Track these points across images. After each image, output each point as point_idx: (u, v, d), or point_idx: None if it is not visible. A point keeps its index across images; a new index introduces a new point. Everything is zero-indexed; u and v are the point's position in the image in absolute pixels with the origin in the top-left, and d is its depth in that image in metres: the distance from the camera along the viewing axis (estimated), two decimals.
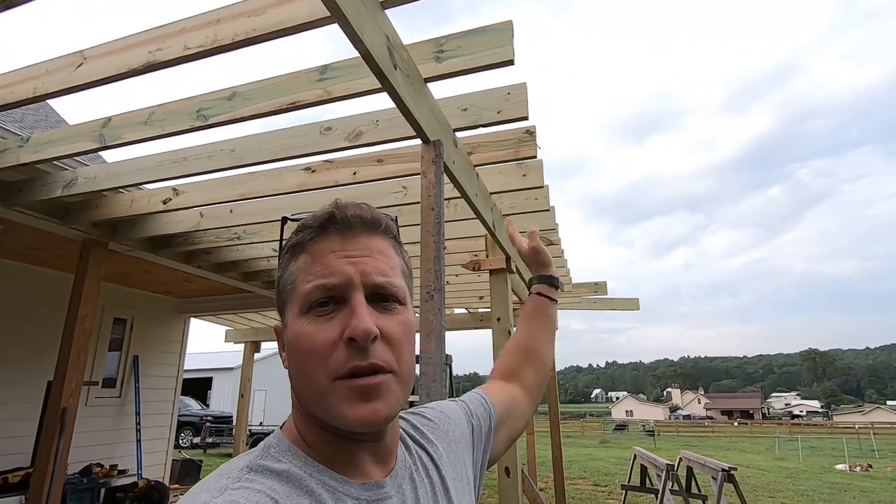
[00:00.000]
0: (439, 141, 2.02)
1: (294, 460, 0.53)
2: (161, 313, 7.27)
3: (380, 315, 0.54)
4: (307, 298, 0.54)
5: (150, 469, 6.62)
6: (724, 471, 5.20)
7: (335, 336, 0.52)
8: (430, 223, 1.84)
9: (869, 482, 11.99)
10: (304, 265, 0.56)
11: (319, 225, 0.57)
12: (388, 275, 0.56)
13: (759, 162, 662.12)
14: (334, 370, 0.51)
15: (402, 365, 0.55)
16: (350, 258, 0.55)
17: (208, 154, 2.87)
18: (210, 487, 0.48)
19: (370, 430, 0.53)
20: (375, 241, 0.58)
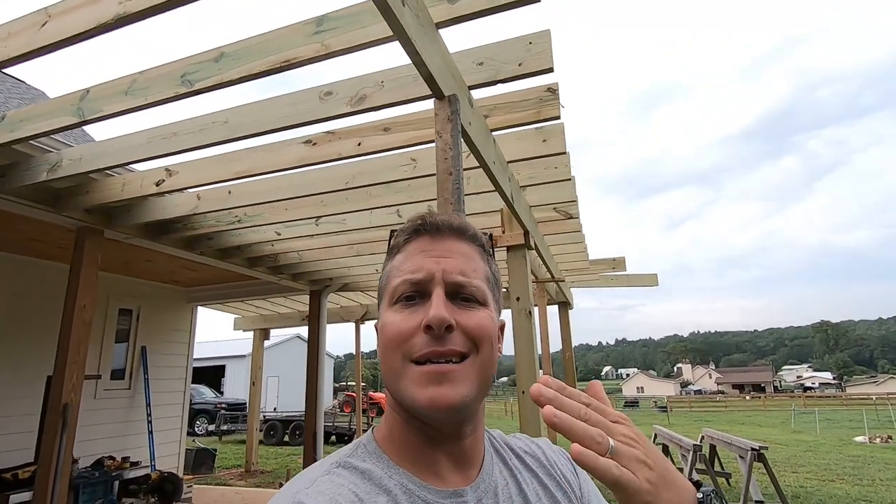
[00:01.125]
0: (455, 96, 1.76)
1: (377, 462, 0.58)
2: (167, 303, 7.13)
3: (458, 310, 0.57)
4: (395, 292, 0.59)
5: (162, 460, 6.54)
6: (754, 450, 5.00)
7: (415, 325, 0.56)
8: (447, 190, 1.59)
9: (891, 454, 11.79)
10: (397, 263, 0.62)
11: (413, 229, 0.62)
12: (469, 276, 0.59)
13: (770, 133, 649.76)
14: (409, 352, 0.55)
15: (476, 357, 0.56)
16: (435, 257, 0.59)
17: (200, 127, 2.63)
18: (304, 478, 0.55)
19: (439, 413, 0.54)
20: (461, 244, 0.61)
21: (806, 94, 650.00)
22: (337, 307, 8.16)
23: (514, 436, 0.73)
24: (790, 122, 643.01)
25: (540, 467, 0.67)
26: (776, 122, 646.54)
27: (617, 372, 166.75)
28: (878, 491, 7.09)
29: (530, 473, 0.66)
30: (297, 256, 5.33)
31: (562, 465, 0.70)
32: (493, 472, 0.62)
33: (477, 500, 0.58)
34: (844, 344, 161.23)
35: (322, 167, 3.25)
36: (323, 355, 6.63)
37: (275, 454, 10.97)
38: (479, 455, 0.62)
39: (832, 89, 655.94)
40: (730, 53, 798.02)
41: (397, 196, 3.60)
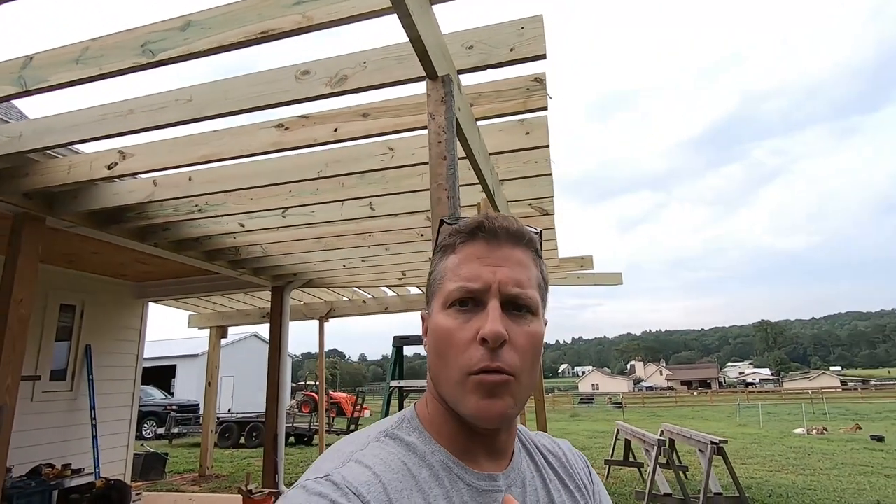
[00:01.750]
0: (449, 76, 1.66)
1: (420, 438, 0.61)
2: (115, 299, 6.66)
3: (511, 322, 0.58)
4: (450, 296, 0.60)
5: (108, 466, 6.11)
6: (714, 444, 5.16)
7: (471, 335, 0.57)
8: (441, 176, 1.49)
9: (827, 444, 12.57)
10: (452, 265, 0.61)
11: (469, 231, 0.62)
12: (524, 286, 0.60)
13: (717, 141, 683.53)
14: (468, 366, 0.56)
15: (524, 372, 0.58)
16: (492, 266, 0.59)
17: (160, 105, 2.41)
18: (355, 442, 0.59)
19: (487, 424, 0.57)
20: (517, 252, 0.62)
21: (751, 106, 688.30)
22: (300, 304, 7.88)
23: (538, 434, 0.75)
24: (736, 132, 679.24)
25: (561, 467, 0.70)
26: (724, 131, 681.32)
27: (573, 370, 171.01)
28: (821, 480, 7.50)
29: (553, 471, 0.69)
30: (260, 250, 5.08)
31: (580, 468, 0.73)
32: (521, 464, 0.65)
33: (507, 486, 0.61)
34: (782, 342, 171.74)
35: (293, 154, 3.09)
36: (285, 355, 6.38)
37: (230, 457, 10.51)
38: (511, 448, 0.65)
39: (775, 102, 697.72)
40: (682, 64, 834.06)
41: (371, 187, 3.47)
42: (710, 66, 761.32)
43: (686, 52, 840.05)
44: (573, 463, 0.72)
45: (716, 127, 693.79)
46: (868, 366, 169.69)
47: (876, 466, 8.73)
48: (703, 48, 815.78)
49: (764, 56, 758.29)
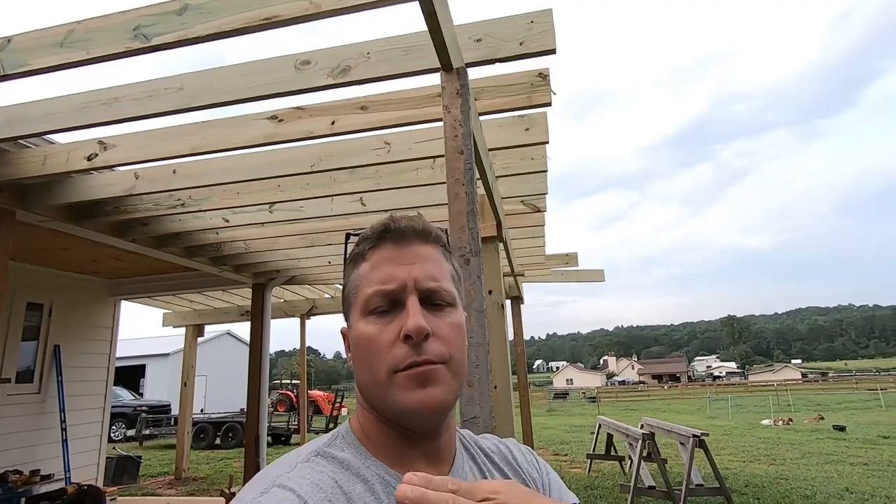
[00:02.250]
0: (464, 68, 1.62)
1: (355, 453, 0.59)
2: (86, 297, 6.38)
3: (432, 316, 0.58)
4: (368, 303, 0.59)
5: (80, 471, 5.86)
6: (696, 437, 5.27)
7: (393, 335, 0.57)
8: (458, 170, 1.45)
9: (793, 435, 13.07)
10: (364, 272, 0.61)
11: (377, 236, 0.62)
12: (439, 279, 0.60)
13: (687, 142, 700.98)
14: (394, 364, 0.56)
15: (454, 360, 0.58)
16: (405, 264, 0.60)
17: (148, 93, 2.29)
18: (283, 465, 0.57)
19: (426, 415, 0.57)
20: (426, 249, 0.62)
21: (721, 108, 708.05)
22: (280, 301, 7.71)
23: (482, 436, 0.75)
24: (706, 133, 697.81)
25: (507, 465, 0.70)
26: (693, 133, 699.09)
27: (548, 365, 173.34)
28: (791, 469, 7.79)
29: (497, 470, 0.68)
30: (243, 246, 4.94)
31: (526, 462, 0.72)
32: (464, 468, 0.64)
33: None
34: (747, 336, 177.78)
35: (284, 147, 2.99)
36: (267, 353, 6.22)
37: (206, 459, 10.24)
38: (452, 452, 0.64)
39: (744, 105, 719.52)
40: (654, 67, 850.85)
41: (364, 183, 3.40)
42: (682, 68, 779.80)
43: (657, 53, 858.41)
44: (518, 459, 0.71)
45: (686, 128, 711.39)
46: (826, 358, 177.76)
47: (840, 455, 9.11)
48: (673, 50, 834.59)
49: (734, 59, 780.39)
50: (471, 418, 1.30)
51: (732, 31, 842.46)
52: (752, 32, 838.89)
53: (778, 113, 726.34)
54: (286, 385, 23.75)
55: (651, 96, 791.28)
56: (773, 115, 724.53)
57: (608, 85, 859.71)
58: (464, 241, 1.42)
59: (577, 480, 6.85)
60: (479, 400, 1.30)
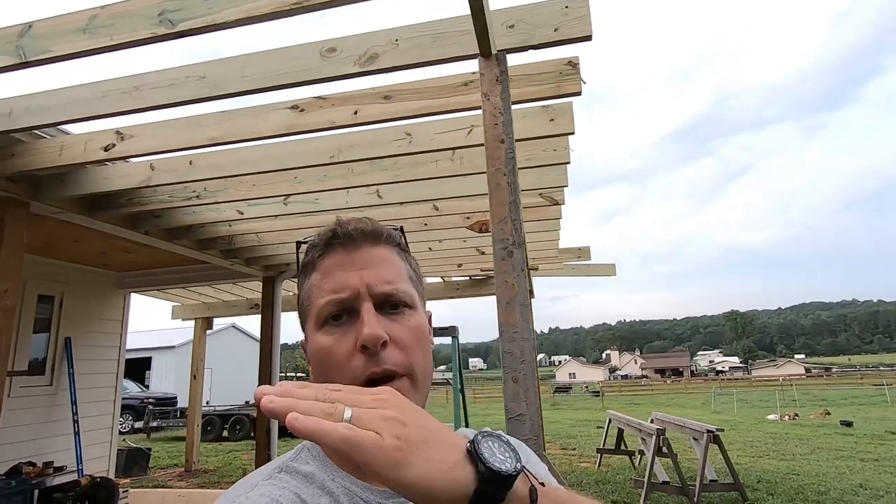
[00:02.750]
0: (503, 54, 1.56)
1: (320, 465, 0.57)
2: (96, 289, 6.37)
3: (390, 322, 0.56)
4: (321, 313, 0.57)
5: (92, 463, 5.87)
6: (710, 432, 5.24)
7: (350, 346, 0.55)
8: (500, 159, 1.40)
9: (800, 430, 13.04)
10: (315, 282, 0.59)
11: (325, 243, 0.60)
12: (394, 282, 0.58)
13: (689, 138, 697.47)
14: (352, 379, 0.54)
15: (416, 367, 0.57)
16: (356, 270, 0.57)
17: (170, 82, 2.24)
18: (244, 484, 0.55)
19: None
20: (378, 250, 0.60)
21: (724, 103, 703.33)
22: (289, 294, 7.68)
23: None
24: (708, 129, 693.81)
25: None
26: (697, 128, 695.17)
27: (550, 359, 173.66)
28: (801, 465, 7.76)
29: None
30: (255, 239, 4.90)
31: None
32: None
33: None
34: (750, 331, 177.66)
35: (303, 138, 2.94)
36: (277, 346, 6.21)
37: (214, 451, 10.29)
38: None
39: (746, 100, 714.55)
40: (656, 64, 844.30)
41: (382, 174, 3.34)
42: (685, 64, 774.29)
43: (661, 49, 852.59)
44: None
45: (689, 124, 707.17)
46: (829, 353, 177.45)
47: (850, 451, 9.07)
48: (675, 46, 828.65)
49: (736, 54, 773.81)
50: (517, 416, 1.26)
51: (735, 26, 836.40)
52: (755, 27, 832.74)
53: (780, 108, 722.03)
54: (291, 378, 23.85)
55: (653, 92, 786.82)
56: (775, 110, 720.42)
57: (610, 81, 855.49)
58: (506, 232, 1.38)
59: (588, 475, 6.83)
60: (525, 397, 1.26)
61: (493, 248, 1.40)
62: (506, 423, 1.28)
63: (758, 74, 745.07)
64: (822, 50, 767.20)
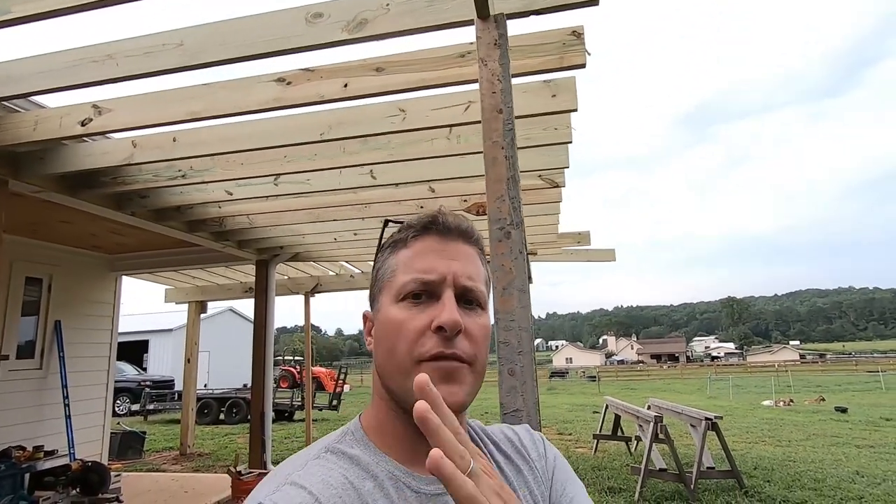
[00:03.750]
0: (502, 16, 1.42)
1: (365, 449, 0.59)
2: (86, 271, 6.25)
3: (464, 314, 0.58)
4: (403, 288, 0.59)
5: (84, 447, 5.82)
6: (709, 419, 5.19)
7: (425, 324, 0.57)
8: (497, 131, 1.28)
9: (795, 416, 13.09)
10: (404, 259, 0.61)
11: (423, 226, 0.62)
12: (475, 280, 0.61)
13: (688, 126, 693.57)
14: (420, 353, 0.56)
15: (478, 361, 0.59)
16: (447, 259, 0.60)
17: (145, 50, 2.09)
18: (294, 462, 0.57)
19: None
20: (468, 248, 0.63)
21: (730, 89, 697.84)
22: (284, 278, 7.58)
23: (495, 427, 0.74)
24: (707, 117, 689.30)
25: (515, 451, 0.69)
26: (694, 117, 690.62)
27: (547, 344, 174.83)
28: (797, 451, 7.76)
29: (503, 457, 0.67)
30: (246, 221, 4.77)
31: (531, 446, 0.71)
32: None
33: None
34: (746, 317, 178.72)
35: (291, 114, 2.79)
36: (272, 330, 6.12)
37: (211, 434, 10.28)
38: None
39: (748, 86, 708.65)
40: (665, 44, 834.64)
41: (375, 153, 3.20)
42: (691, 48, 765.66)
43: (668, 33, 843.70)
44: (527, 446, 0.71)
45: (684, 113, 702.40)
46: (824, 340, 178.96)
47: (846, 437, 9.10)
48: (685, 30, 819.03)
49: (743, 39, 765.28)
50: (512, 411, 1.16)
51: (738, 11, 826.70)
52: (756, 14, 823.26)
53: (781, 97, 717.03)
54: (289, 361, 23.88)
55: (656, 79, 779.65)
56: (775, 99, 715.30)
57: (616, 62, 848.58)
58: (503, 211, 1.26)
59: (584, 461, 6.82)
60: (522, 391, 1.15)
61: (489, 229, 1.28)
62: (501, 418, 1.18)
63: (764, 60, 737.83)
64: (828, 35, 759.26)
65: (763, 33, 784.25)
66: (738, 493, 5.01)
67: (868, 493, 5.05)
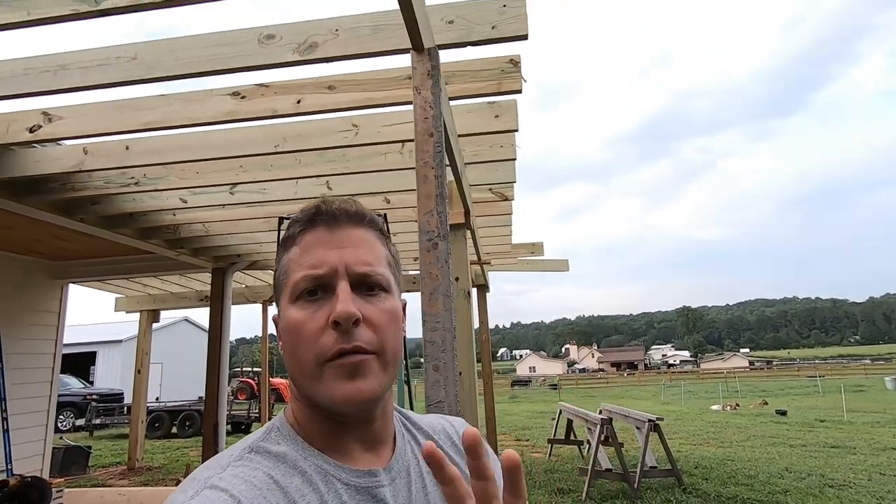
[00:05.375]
0: (435, 49, 1.59)
1: (291, 444, 0.57)
2: (28, 279, 6.01)
3: (364, 302, 0.57)
4: (296, 287, 0.57)
5: (23, 462, 5.57)
6: (651, 421, 5.48)
7: (322, 322, 0.55)
8: (428, 153, 1.43)
9: (740, 419, 13.81)
10: (294, 256, 0.59)
11: (308, 218, 0.60)
12: (372, 264, 0.59)
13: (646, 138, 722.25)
14: (322, 354, 0.54)
15: (387, 348, 0.57)
16: (336, 248, 0.58)
17: (99, 62, 2.15)
18: (214, 465, 0.54)
19: (356, 408, 0.56)
20: (359, 231, 0.60)
21: (680, 105, 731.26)
22: (241, 287, 7.50)
23: (428, 416, 0.74)
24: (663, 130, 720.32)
25: (449, 443, 0.68)
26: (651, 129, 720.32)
27: (511, 353, 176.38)
28: (737, 451, 8.23)
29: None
30: (202, 229, 4.75)
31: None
32: (406, 452, 0.63)
33: (391, 480, 0.59)
34: (700, 326, 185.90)
35: (248, 126, 2.88)
36: (227, 340, 6.05)
37: (162, 448, 9.93)
38: (390, 435, 0.63)
39: (701, 102, 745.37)
40: (618, 62, 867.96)
41: (330, 165, 3.31)
42: (642, 64, 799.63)
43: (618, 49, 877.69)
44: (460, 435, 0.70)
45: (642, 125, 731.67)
46: (772, 347, 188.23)
47: (782, 437, 9.69)
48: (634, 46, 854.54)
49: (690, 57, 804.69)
50: (436, 402, 1.30)
51: (690, 30, 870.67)
52: (709, 32, 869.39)
53: (731, 112, 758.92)
54: (247, 373, 23.26)
55: (611, 92, 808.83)
56: (726, 114, 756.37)
57: (570, 78, 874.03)
58: (432, 224, 1.41)
59: (538, 464, 7.02)
60: (445, 384, 1.30)
61: (419, 240, 1.43)
62: (426, 409, 1.32)
63: (712, 79, 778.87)
64: (770, 59, 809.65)
65: (713, 50, 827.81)
66: (677, 491, 5.31)
67: (793, 487, 5.46)
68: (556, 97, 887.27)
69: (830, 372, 36.83)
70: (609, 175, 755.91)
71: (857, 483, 5.68)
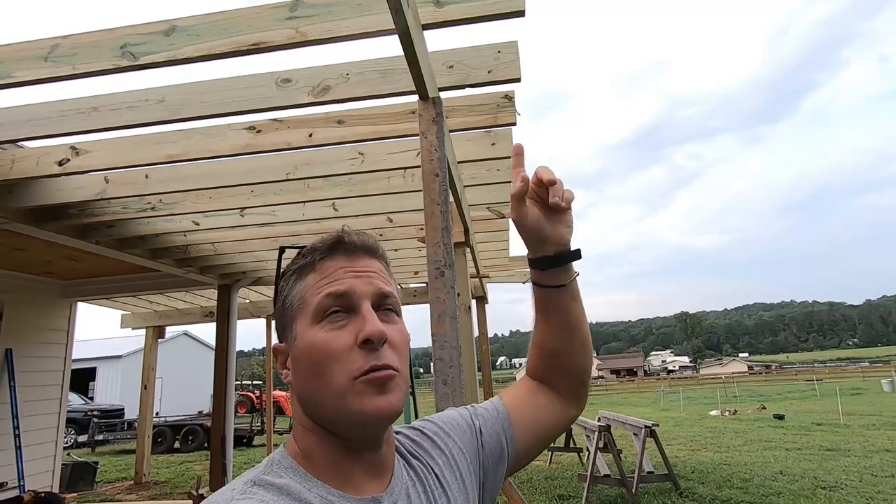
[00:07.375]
0: (439, 98, 1.79)
1: (294, 476, 0.57)
2: (39, 298, 6.17)
3: (385, 323, 0.59)
4: (319, 308, 0.58)
5: (34, 478, 5.68)
6: (647, 427, 5.65)
7: (350, 341, 0.56)
8: (434, 191, 1.63)
9: (738, 424, 13.95)
10: (312, 282, 0.60)
11: (329, 246, 0.62)
12: (389, 289, 0.62)
13: (640, 146, 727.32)
14: (353, 371, 0.56)
15: (403, 370, 0.59)
16: (356, 273, 0.60)
17: (129, 104, 2.35)
18: (218, 500, 0.52)
19: (384, 423, 0.58)
20: (375, 263, 0.63)
21: (672, 112, 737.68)
22: (246, 302, 7.66)
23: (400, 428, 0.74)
24: (658, 138, 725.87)
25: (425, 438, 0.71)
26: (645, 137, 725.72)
27: (511, 361, 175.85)
28: (734, 455, 8.39)
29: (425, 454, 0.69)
30: (211, 248, 4.94)
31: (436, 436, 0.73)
32: (402, 475, 0.64)
33: (392, 502, 0.60)
34: (699, 331, 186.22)
35: (260, 156, 3.08)
36: (233, 354, 6.21)
37: (166, 462, 10.01)
38: (392, 461, 0.64)
39: (692, 110, 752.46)
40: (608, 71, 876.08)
41: (337, 189, 3.52)
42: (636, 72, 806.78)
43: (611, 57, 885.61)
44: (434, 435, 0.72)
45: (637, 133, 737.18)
46: (770, 351, 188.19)
47: (778, 442, 9.85)
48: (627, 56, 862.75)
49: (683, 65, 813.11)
50: None
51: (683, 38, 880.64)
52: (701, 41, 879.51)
53: (724, 119, 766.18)
54: (247, 386, 23.26)
55: (603, 101, 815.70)
56: (719, 121, 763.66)
57: (564, 88, 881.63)
58: (439, 254, 1.60)
59: (539, 472, 7.16)
60: (453, 396, 1.48)
61: (428, 268, 1.62)
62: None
63: (704, 86, 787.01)
64: (760, 67, 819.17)
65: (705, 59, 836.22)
66: (673, 495, 5.46)
67: (787, 489, 5.62)
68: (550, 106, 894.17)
69: (828, 375, 37.03)
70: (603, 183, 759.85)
71: (848, 484, 5.85)
